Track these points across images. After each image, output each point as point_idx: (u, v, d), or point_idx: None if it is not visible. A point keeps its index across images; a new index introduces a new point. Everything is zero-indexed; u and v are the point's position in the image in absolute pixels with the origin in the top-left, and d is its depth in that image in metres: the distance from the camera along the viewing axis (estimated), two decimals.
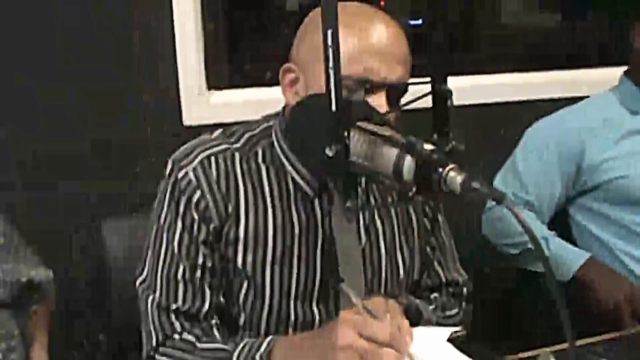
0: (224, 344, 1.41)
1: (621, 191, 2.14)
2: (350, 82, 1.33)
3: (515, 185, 2.23)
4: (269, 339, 1.37)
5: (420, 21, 2.94)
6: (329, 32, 1.15)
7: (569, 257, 2.08)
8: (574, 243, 2.20)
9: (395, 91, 1.39)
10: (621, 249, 2.16)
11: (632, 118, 2.19)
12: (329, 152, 1.19)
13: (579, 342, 1.44)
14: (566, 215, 2.29)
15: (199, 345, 1.42)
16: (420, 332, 1.32)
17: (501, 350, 1.45)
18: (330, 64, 1.16)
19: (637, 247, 2.15)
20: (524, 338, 2.29)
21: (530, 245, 2.09)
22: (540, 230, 2.15)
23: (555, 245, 2.11)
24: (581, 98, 2.34)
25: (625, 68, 2.30)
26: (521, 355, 1.42)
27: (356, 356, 1.21)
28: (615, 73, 2.32)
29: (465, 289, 1.72)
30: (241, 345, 1.38)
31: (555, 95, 2.70)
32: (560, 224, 2.26)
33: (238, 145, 1.48)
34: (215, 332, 1.45)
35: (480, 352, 1.33)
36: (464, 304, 1.71)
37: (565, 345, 1.38)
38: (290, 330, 1.49)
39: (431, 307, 1.62)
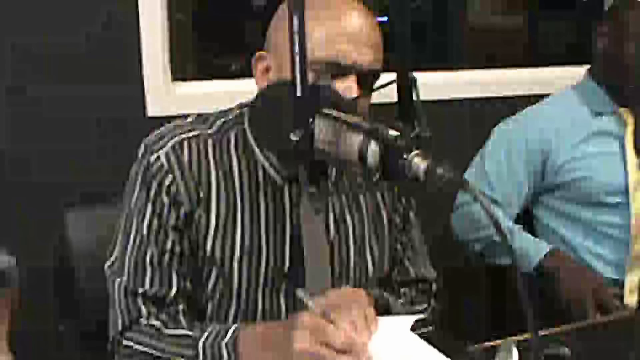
0: (190, 331, 1.40)
1: (583, 191, 2.17)
2: (320, 66, 1.33)
3: (482, 184, 2.24)
4: (234, 326, 1.36)
5: (385, 18, 2.95)
6: (295, 18, 1.15)
7: (532, 248, 2.10)
8: None
9: (366, 76, 1.38)
10: (583, 246, 2.19)
11: (595, 119, 2.22)
12: (293, 138, 1.19)
13: (542, 332, 1.45)
14: (530, 213, 2.32)
15: (165, 331, 1.40)
16: (384, 322, 1.32)
17: (464, 339, 1.45)
18: (296, 50, 1.16)
19: (598, 245, 2.18)
20: (488, 328, 2.32)
21: (496, 238, 2.11)
22: (505, 223, 2.17)
23: (520, 237, 2.14)
24: (545, 95, 2.36)
25: (587, 67, 2.32)
26: (485, 344, 1.42)
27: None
28: (579, 71, 2.34)
29: (434, 286, 1.73)
30: (207, 332, 1.37)
31: (520, 93, 2.72)
32: (524, 222, 2.27)
33: (211, 131, 1.47)
34: (182, 319, 1.44)
35: (443, 341, 1.33)
36: (432, 300, 1.71)
37: (527, 335, 1.39)
38: (258, 320, 1.48)
39: (400, 300, 1.62)
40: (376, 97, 1.42)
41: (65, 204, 1.77)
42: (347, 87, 1.35)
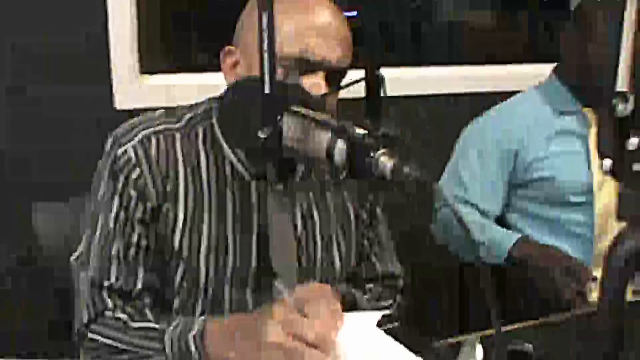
0: (156, 323, 1.39)
1: (549, 191, 2.20)
2: (289, 62, 1.33)
3: (459, 189, 2.26)
4: (201, 319, 1.36)
5: (355, 13, 2.95)
6: (264, 15, 1.15)
7: (502, 239, 2.13)
8: None
9: (334, 73, 1.40)
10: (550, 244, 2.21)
11: (559, 118, 2.24)
12: (261, 135, 1.19)
13: (505, 328, 1.47)
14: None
15: (131, 324, 1.40)
16: (350, 318, 1.32)
17: (430, 335, 1.46)
18: (265, 47, 1.16)
19: (563, 244, 2.20)
20: (453, 324, 2.34)
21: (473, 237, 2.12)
22: (478, 219, 2.20)
23: (490, 230, 2.17)
24: (512, 92, 2.38)
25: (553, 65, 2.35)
26: (450, 340, 1.44)
27: (281, 354, 1.20)
28: (546, 69, 2.36)
29: (400, 282, 1.74)
30: (173, 324, 1.37)
31: (488, 90, 2.74)
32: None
33: (179, 125, 1.48)
34: (148, 312, 1.44)
35: (409, 337, 1.34)
36: (398, 296, 1.73)
37: (491, 331, 1.41)
38: (225, 314, 1.48)
39: (365, 296, 1.63)
40: (346, 93, 1.43)
41: (34, 198, 1.76)
42: (316, 83, 1.36)
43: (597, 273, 2.10)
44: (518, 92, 2.37)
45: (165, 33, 2.70)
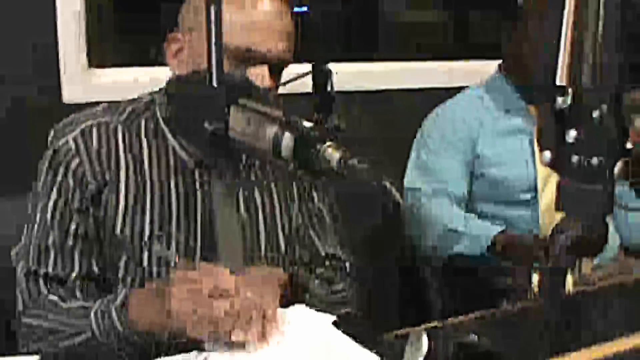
0: (84, 302, 1.40)
1: (496, 188, 2.22)
2: (234, 55, 1.33)
3: (430, 180, 2.26)
4: (125, 291, 1.38)
5: (305, 8, 2.95)
6: (212, 8, 1.15)
7: (482, 232, 2.14)
8: None
9: (278, 65, 1.41)
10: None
11: (505, 116, 2.27)
12: (208, 127, 1.19)
13: (451, 321, 1.48)
14: None
15: (61, 304, 1.41)
16: (299, 311, 1.34)
17: (379, 328, 1.48)
18: (213, 40, 1.16)
19: None
20: (400, 317, 2.35)
21: (449, 226, 2.16)
22: (459, 212, 2.23)
23: (472, 223, 2.18)
24: (457, 88, 2.41)
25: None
26: (397, 332, 1.45)
27: (190, 305, 1.23)
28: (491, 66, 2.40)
29: (347, 265, 1.75)
30: (99, 301, 1.37)
31: (442, 85, 2.75)
32: None
33: (121, 118, 1.49)
34: (78, 293, 1.44)
35: (356, 329, 1.35)
36: (349, 280, 1.73)
37: (437, 323, 1.43)
38: None
39: (316, 280, 1.64)
40: (296, 87, 1.43)
41: None
42: (259, 76, 1.37)
43: None
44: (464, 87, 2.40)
45: (114, 27, 2.68)
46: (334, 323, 1.37)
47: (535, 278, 2.10)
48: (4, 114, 2.24)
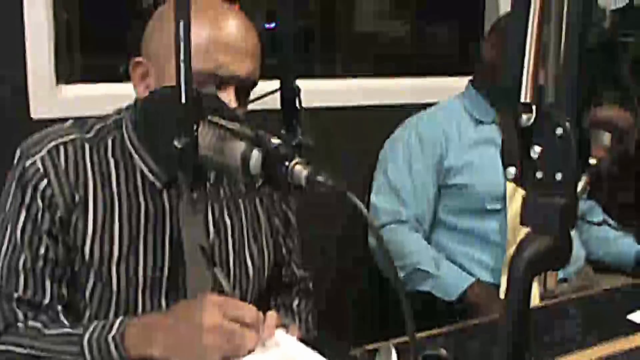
0: (72, 328, 1.39)
1: (466, 199, 2.24)
2: (200, 77, 1.33)
3: (395, 203, 2.28)
4: (120, 319, 1.37)
5: (274, 25, 2.96)
6: (181, 24, 1.15)
7: (455, 279, 2.16)
8: None
9: (244, 86, 1.40)
10: (462, 252, 2.26)
11: (477, 127, 2.29)
12: (177, 144, 1.19)
13: (420, 334, 1.50)
14: None
15: (45, 331, 1.39)
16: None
17: (347, 343, 1.48)
18: (182, 57, 1.17)
19: (477, 251, 2.26)
20: (369, 332, 2.36)
21: (419, 267, 2.15)
22: (431, 251, 2.23)
23: (445, 267, 2.19)
24: (427, 104, 2.43)
25: (467, 78, 2.40)
26: (366, 347, 1.46)
27: (220, 336, 1.25)
28: (459, 81, 2.42)
29: (310, 284, 1.78)
30: (91, 327, 1.36)
31: (404, 101, 2.77)
32: None
33: (88, 135, 1.47)
34: (62, 318, 1.43)
35: (326, 344, 1.36)
36: (311, 300, 1.76)
37: (405, 338, 1.43)
38: None
39: (281, 310, 1.67)
40: (262, 104, 1.44)
41: None
42: (227, 97, 1.36)
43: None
44: (434, 103, 2.42)
45: (82, 43, 2.67)
46: (302, 339, 1.38)
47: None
48: None
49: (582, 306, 1.82)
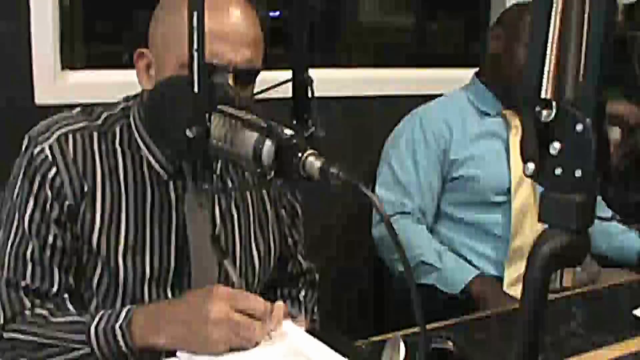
0: (79, 316, 1.38)
1: (471, 191, 2.24)
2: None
3: (400, 195, 2.28)
4: (127, 308, 1.37)
5: (278, 13, 2.96)
6: (195, 14, 1.15)
7: (459, 272, 2.15)
8: None
9: (244, 74, 1.38)
10: (466, 245, 2.26)
11: (482, 120, 2.29)
12: (189, 134, 1.19)
13: (428, 326, 1.49)
14: None
15: (52, 319, 1.39)
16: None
17: (353, 335, 1.48)
18: (195, 46, 1.16)
19: (480, 243, 2.26)
20: (370, 324, 2.37)
21: (422, 259, 2.15)
22: (435, 244, 2.23)
23: (447, 259, 2.18)
24: (432, 96, 2.42)
25: (471, 70, 2.40)
26: (372, 339, 1.46)
27: (228, 328, 1.25)
28: (462, 73, 2.42)
29: (317, 276, 1.78)
30: (98, 316, 1.36)
31: (408, 93, 2.77)
32: None
33: (97, 123, 1.47)
34: (70, 306, 1.43)
35: (332, 337, 1.36)
36: (316, 291, 1.76)
37: (412, 330, 1.44)
38: None
39: (288, 301, 1.68)
40: (272, 93, 1.42)
41: None
42: None
43: (512, 269, 2.19)
44: (439, 95, 2.42)
45: (87, 29, 2.66)
46: (309, 330, 1.38)
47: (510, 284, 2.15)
48: None
49: (587, 302, 1.83)
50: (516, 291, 2.15)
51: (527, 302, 0.84)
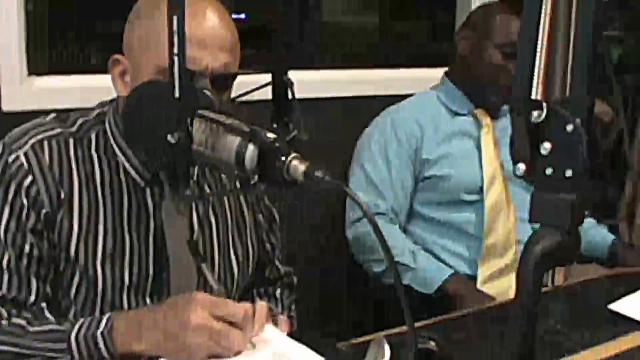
0: (58, 324, 1.36)
1: (444, 190, 2.25)
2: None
3: (372, 195, 2.27)
4: (107, 315, 1.35)
5: (243, 15, 2.94)
6: (174, 17, 1.14)
7: (433, 272, 2.16)
8: None
9: (221, 79, 1.37)
10: (439, 245, 2.27)
11: (453, 119, 2.31)
12: (171, 140, 1.18)
13: (403, 327, 1.49)
14: None
15: (30, 328, 1.36)
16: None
17: (333, 337, 1.48)
18: (175, 50, 1.15)
19: (454, 242, 2.27)
20: (356, 325, 2.37)
21: (397, 259, 2.14)
22: (409, 244, 2.23)
23: (421, 259, 2.19)
24: (402, 96, 2.43)
25: (440, 69, 2.41)
26: (355, 340, 1.46)
27: (207, 336, 1.24)
28: (432, 73, 2.43)
29: (294, 278, 1.78)
30: (78, 324, 1.34)
31: (378, 93, 2.77)
32: None
33: (72, 130, 1.45)
34: (47, 314, 1.41)
35: (315, 340, 1.36)
36: (293, 293, 1.76)
37: (395, 330, 1.44)
38: None
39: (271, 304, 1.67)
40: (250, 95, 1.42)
41: None
42: None
43: (485, 267, 2.21)
44: (409, 95, 2.43)
45: (53, 35, 2.63)
46: (290, 334, 1.38)
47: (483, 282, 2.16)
48: None
49: (562, 298, 1.84)
50: (490, 289, 2.17)
51: (521, 301, 0.85)
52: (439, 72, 2.42)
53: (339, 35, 3.41)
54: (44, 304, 1.42)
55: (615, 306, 1.70)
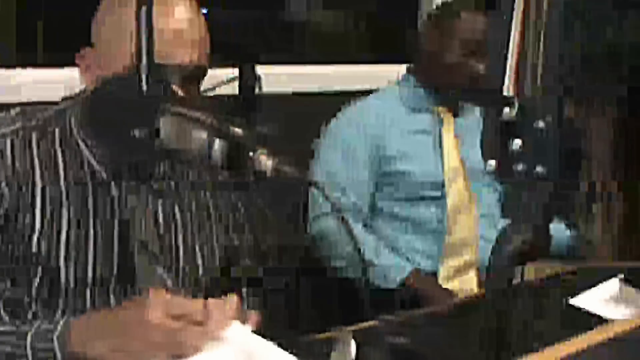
0: (14, 326, 1.32)
1: (405, 187, 2.26)
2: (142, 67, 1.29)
3: (335, 191, 2.27)
4: (64, 319, 1.31)
5: (205, 11, 2.92)
6: (142, 11, 1.13)
7: (395, 268, 2.18)
8: None
9: (191, 73, 1.36)
10: (401, 241, 2.29)
11: (414, 116, 2.32)
12: (137, 134, 1.17)
13: (368, 324, 1.50)
14: None
15: None
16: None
17: (298, 331, 1.48)
18: (143, 44, 1.14)
19: (416, 239, 2.29)
20: (321, 321, 2.37)
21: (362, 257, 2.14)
22: (369, 239, 2.24)
23: (384, 255, 2.20)
24: (362, 92, 2.44)
25: (401, 66, 2.42)
26: (321, 335, 1.45)
27: (165, 336, 1.20)
28: (393, 70, 2.44)
29: (261, 275, 1.77)
30: (34, 327, 1.30)
31: (338, 89, 2.78)
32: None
33: (35, 124, 1.42)
34: (4, 315, 1.39)
35: (280, 336, 1.35)
36: (259, 286, 1.75)
37: (361, 325, 1.44)
38: None
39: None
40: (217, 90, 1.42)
41: None
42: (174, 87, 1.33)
43: (447, 264, 2.23)
44: (370, 91, 2.43)
45: (10, 27, 2.59)
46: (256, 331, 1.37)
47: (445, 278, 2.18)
48: None
49: (522, 295, 1.85)
50: (451, 285, 2.19)
51: (491, 297, 0.86)
52: (401, 69, 2.43)
53: (304, 30, 3.41)
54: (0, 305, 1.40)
55: (575, 301, 1.71)
